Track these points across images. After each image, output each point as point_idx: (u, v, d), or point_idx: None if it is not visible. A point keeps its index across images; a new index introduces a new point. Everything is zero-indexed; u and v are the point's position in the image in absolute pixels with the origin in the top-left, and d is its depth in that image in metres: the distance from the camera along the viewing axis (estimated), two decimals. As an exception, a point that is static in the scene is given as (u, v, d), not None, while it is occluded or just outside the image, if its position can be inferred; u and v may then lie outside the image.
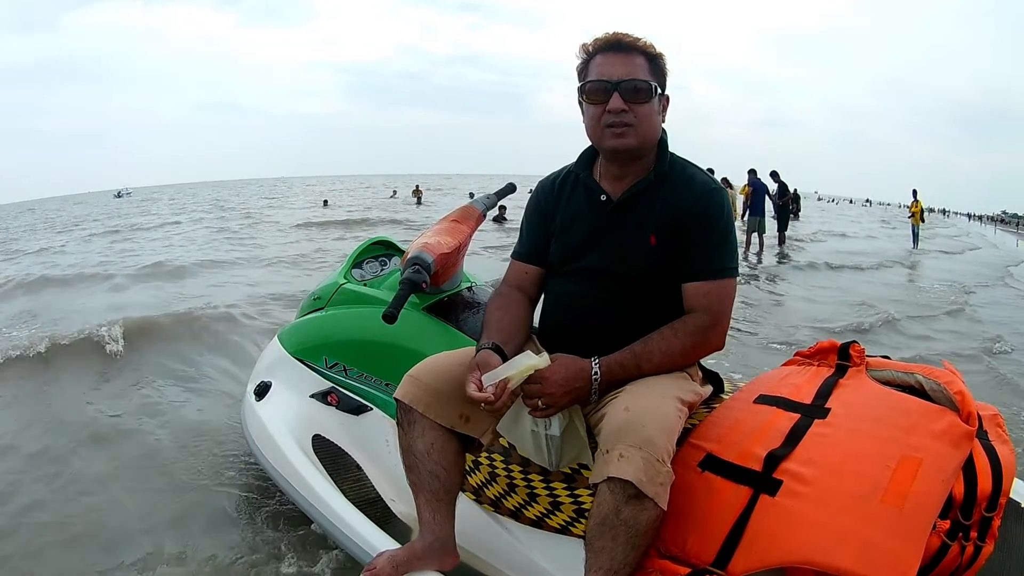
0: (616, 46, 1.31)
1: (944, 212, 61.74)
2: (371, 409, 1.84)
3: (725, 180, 11.27)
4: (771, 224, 11.96)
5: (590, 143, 1.40)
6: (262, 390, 2.08)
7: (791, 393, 1.30)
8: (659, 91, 1.33)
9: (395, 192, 31.00)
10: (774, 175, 12.07)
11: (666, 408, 1.19)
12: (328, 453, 1.87)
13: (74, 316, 5.07)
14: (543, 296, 1.49)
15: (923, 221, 14.77)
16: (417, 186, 30.10)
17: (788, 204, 12.56)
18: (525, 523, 1.42)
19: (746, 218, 11.43)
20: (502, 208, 12.84)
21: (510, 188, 2.09)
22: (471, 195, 12.42)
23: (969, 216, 56.37)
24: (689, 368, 1.37)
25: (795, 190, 14.53)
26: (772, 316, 5.63)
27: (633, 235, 1.35)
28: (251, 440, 2.02)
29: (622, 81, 1.29)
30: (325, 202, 24.63)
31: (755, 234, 11.39)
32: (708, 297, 1.31)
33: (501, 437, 1.35)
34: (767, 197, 11.53)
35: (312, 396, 1.96)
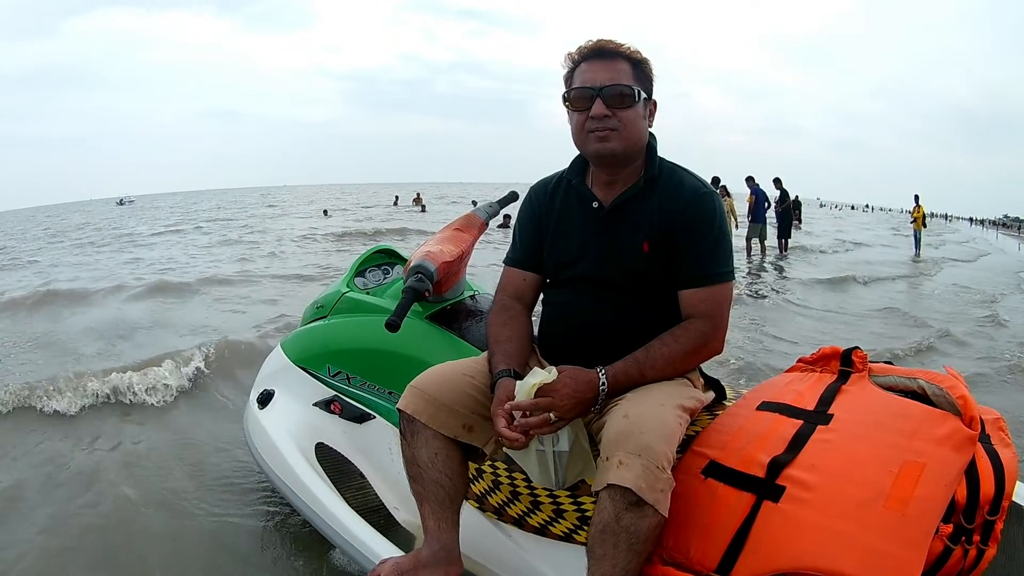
0: (600, 53, 1.33)
1: (946, 217, 61.80)
2: (374, 417, 1.84)
3: (724, 188, 11.28)
4: (772, 232, 11.97)
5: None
6: (265, 398, 2.08)
7: (794, 399, 1.30)
8: (644, 96, 1.34)
9: (397, 199, 31.11)
10: (777, 182, 12.09)
11: (666, 415, 1.19)
12: (331, 461, 1.87)
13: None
14: (542, 308, 1.49)
15: (925, 227, 14.81)
16: (418, 194, 30.17)
17: (789, 210, 12.57)
18: (528, 531, 1.42)
19: (748, 226, 11.44)
20: (507, 217, 12.83)
21: (512, 196, 2.10)
22: (474, 203, 12.39)
23: (971, 220, 56.39)
24: (690, 374, 1.37)
25: (796, 196, 14.53)
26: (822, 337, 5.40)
27: (626, 242, 1.35)
28: (254, 448, 2.03)
29: (605, 87, 1.30)
30: (325, 211, 24.57)
31: (755, 240, 11.40)
32: (706, 303, 1.32)
33: (503, 446, 1.36)
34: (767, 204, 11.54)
35: (315, 404, 1.96)
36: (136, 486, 2.47)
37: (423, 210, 25.24)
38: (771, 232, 11.90)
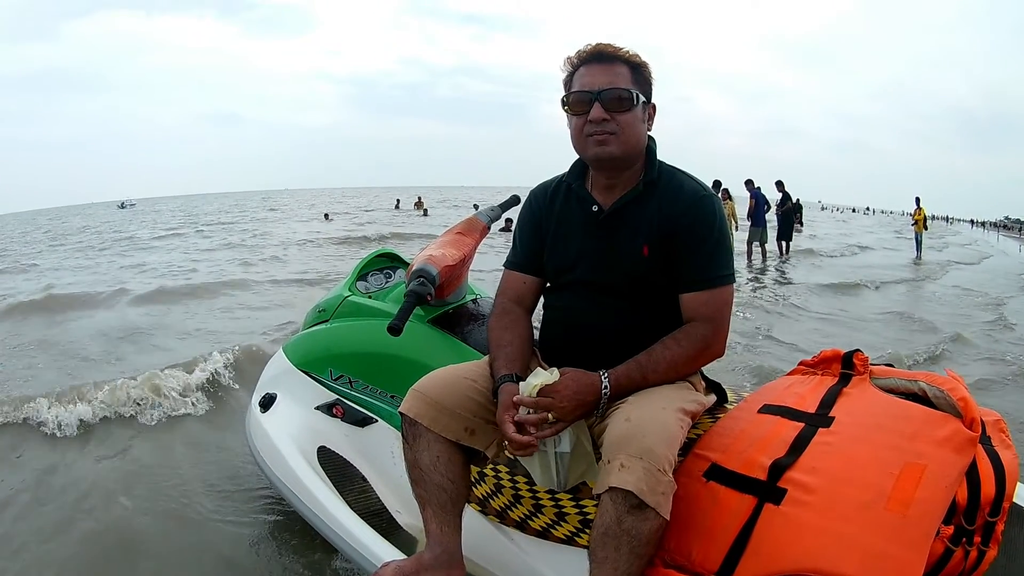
0: (598, 57, 1.33)
1: (947, 219, 61.75)
2: (376, 421, 1.84)
3: (725, 191, 11.27)
4: (773, 235, 11.94)
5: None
6: (267, 402, 2.08)
7: (795, 402, 1.30)
8: (643, 100, 1.34)
9: (398, 203, 31.19)
10: (779, 184, 12.07)
11: (667, 418, 1.19)
12: (333, 465, 1.88)
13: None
14: (542, 311, 1.49)
15: (926, 229, 14.82)
16: (419, 198, 30.19)
17: (790, 213, 12.54)
18: (530, 534, 1.42)
19: (748, 230, 11.41)
20: (508, 221, 12.80)
21: (514, 200, 2.10)
22: (475, 207, 12.37)
23: (972, 222, 56.38)
24: (692, 377, 1.38)
25: (797, 199, 14.52)
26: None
27: (626, 245, 1.36)
28: (256, 452, 2.03)
29: (603, 90, 1.30)
30: (326, 215, 24.57)
31: (756, 244, 11.37)
32: (707, 306, 1.32)
33: (506, 449, 1.36)
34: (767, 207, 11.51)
35: (317, 408, 1.97)
36: (136, 491, 2.47)
37: (425, 214, 25.24)
38: (772, 235, 11.87)
